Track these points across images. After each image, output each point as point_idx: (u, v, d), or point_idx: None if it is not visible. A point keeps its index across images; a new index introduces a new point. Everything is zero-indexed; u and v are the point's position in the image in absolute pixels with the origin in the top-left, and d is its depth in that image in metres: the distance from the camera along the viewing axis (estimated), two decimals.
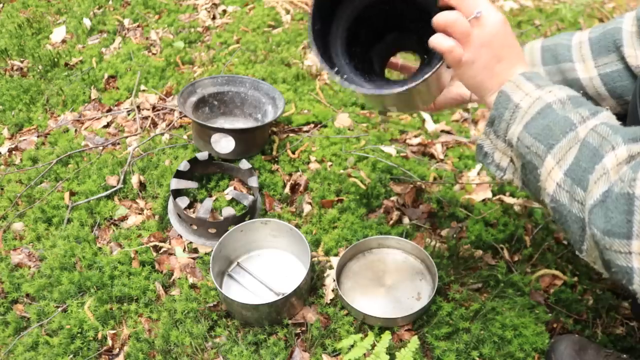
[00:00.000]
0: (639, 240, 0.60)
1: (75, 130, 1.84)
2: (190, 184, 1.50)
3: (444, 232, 1.39)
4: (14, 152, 1.80)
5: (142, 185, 1.58)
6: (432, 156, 1.65)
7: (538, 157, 0.72)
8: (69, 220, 1.49)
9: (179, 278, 1.33)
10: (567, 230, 0.71)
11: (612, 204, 0.62)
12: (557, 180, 0.69)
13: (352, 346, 1.13)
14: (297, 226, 1.42)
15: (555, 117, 0.72)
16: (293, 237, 1.29)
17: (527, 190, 0.79)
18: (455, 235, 1.37)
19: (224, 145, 1.54)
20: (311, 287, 1.28)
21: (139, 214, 1.51)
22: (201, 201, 1.50)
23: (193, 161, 1.52)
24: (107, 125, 1.86)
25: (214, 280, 1.19)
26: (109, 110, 1.93)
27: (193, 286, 1.30)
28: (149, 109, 1.90)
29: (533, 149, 0.73)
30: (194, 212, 1.46)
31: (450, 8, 0.75)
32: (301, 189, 1.53)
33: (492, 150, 0.81)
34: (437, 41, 0.75)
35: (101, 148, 1.75)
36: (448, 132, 1.72)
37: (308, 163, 1.61)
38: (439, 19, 0.74)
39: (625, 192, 0.61)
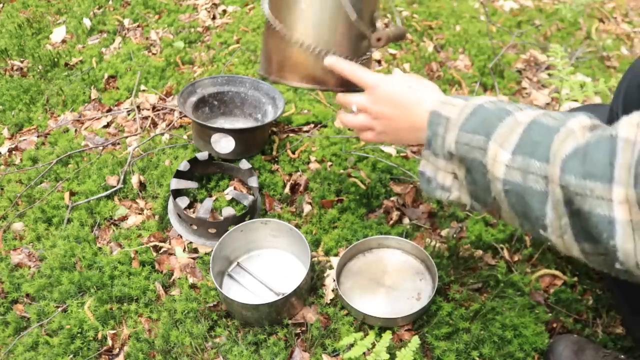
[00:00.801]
0: (621, 187, 0.55)
1: (75, 130, 1.84)
2: (190, 184, 1.50)
3: (444, 232, 1.39)
4: (14, 152, 1.80)
5: (142, 185, 1.58)
6: None
7: (479, 149, 0.71)
8: (69, 220, 1.49)
9: (179, 278, 1.33)
10: (527, 212, 0.67)
11: (591, 147, 0.59)
12: (505, 162, 0.68)
13: (352, 345, 1.13)
14: (297, 226, 1.42)
15: (489, 111, 0.72)
16: (293, 237, 1.29)
17: (476, 201, 0.77)
18: (455, 235, 1.37)
19: (224, 145, 1.54)
20: (311, 287, 1.28)
21: (139, 214, 1.51)
22: (201, 201, 1.50)
23: (193, 161, 1.52)
24: (107, 125, 1.86)
25: (214, 280, 1.19)
26: (109, 110, 1.93)
27: (193, 286, 1.30)
28: (149, 109, 1.90)
29: (473, 143, 0.72)
30: (194, 212, 1.46)
31: None
32: (301, 189, 1.53)
33: (434, 173, 0.81)
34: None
35: (101, 148, 1.75)
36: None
37: (308, 163, 1.61)
38: (344, 122, 0.93)
39: (608, 134, 0.58)
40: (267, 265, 1.34)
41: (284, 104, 1.63)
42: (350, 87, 1.01)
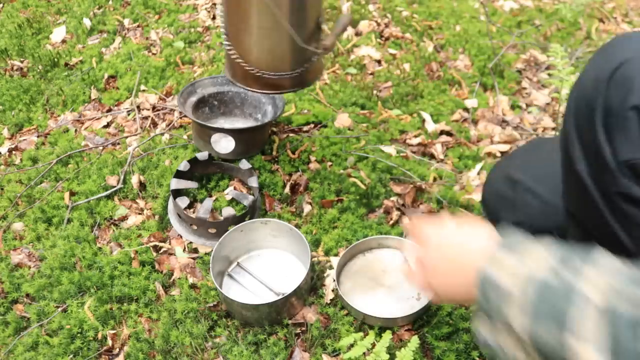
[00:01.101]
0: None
1: (75, 130, 1.84)
2: (190, 184, 1.50)
3: None
4: (14, 152, 1.80)
5: (142, 185, 1.58)
6: (432, 156, 1.65)
7: (555, 340, 0.58)
8: (69, 220, 1.49)
9: (179, 278, 1.33)
10: None
11: None
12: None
13: (352, 345, 1.13)
14: (297, 226, 1.42)
15: (555, 292, 0.58)
16: (293, 237, 1.29)
17: None
18: None
19: (224, 145, 1.54)
20: (311, 287, 1.28)
21: (139, 214, 1.51)
22: (201, 201, 1.50)
23: (193, 161, 1.52)
24: (107, 125, 1.86)
25: (214, 280, 1.19)
26: (109, 110, 1.93)
27: (193, 286, 1.30)
28: (149, 109, 1.90)
29: (541, 335, 0.58)
30: (194, 212, 1.46)
31: None
32: (301, 189, 1.53)
33: (492, 339, 0.67)
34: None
35: (101, 148, 1.75)
36: (448, 133, 1.73)
37: (308, 163, 1.61)
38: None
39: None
40: (267, 265, 1.34)
41: (284, 104, 1.63)
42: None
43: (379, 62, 2.08)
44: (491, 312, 0.64)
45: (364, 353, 1.12)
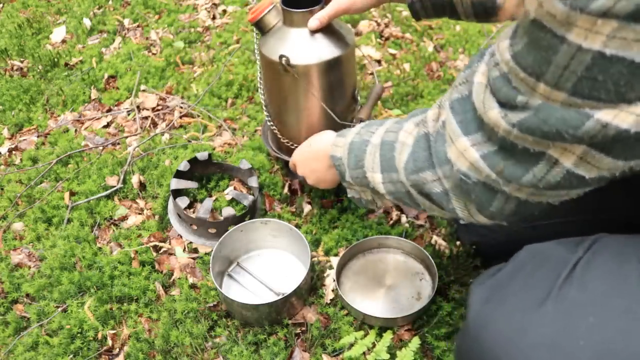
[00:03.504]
0: (439, 168, 0.75)
1: (75, 130, 1.84)
2: (190, 184, 1.50)
3: (444, 232, 1.39)
4: (14, 152, 1.80)
5: (142, 185, 1.58)
6: None
7: (364, 178, 0.92)
8: (69, 220, 1.49)
9: (179, 278, 1.33)
10: (413, 205, 0.88)
11: (415, 148, 0.80)
12: (380, 181, 0.88)
13: (353, 344, 1.13)
14: (297, 226, 1.42)
15: (356, 146, 0.93)
16: (293, 237, 1.29)
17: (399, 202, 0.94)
18: (455, 235, 1.37)
19: None
20: (311, 287, 1.28)
21: (139, 214, 1.51)
22: (201, 201, 1.50)
23: (193, 161, 1.52)
24: (107, 125, 1.86)
25: (214, 280, 1.19)
26: (109, 110, 1.93)
27: (193, 286, 1.30)
28: (149, 109, 1.90)
29: (360, 176, 0.93)
30: (194, 212, 1.46)
31: None
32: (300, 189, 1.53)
33: (358, 194, 1.02)
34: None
35: (101, 148, 1.75)
36: None
37: None
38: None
39: (422, 134, 0.79)
40: (267, 265, 1.34)
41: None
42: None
43: (379, 62, 2.08)
44: (343, 177, 0.98)
45: (364, 353, 1.12)
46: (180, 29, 2.33)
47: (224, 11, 2.47)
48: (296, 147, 1.32)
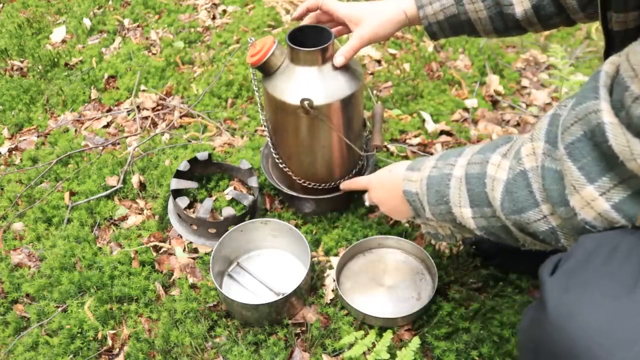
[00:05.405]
0: (545, 205, 0.69)
1: (75, 130, 1.84)
2: (190, 184, 1.50)
3: None
4: (14, 152, 1.80)
5: (142, 185, 1.58)
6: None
7: (449, 213, 0.85)
8: (69, 220, 1.49)
9: (179, 278, 1.33)
10: (506, 241, 0.82)
11: (511, 186, 0.73)
12: (470, 216, 0.82)
13: (353, 344, 1.13)
14: (297, 226, 1.42)
15: (436, 180, 0.87)
16: (293, 237, 1.29)
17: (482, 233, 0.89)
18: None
19: (307, 205, 1.45)
20: (311, 287, 1.28)
21: (139, 214, 1.51)
22: (201, 201, 1.50)
23: (193, 161, 1.52)
24: (107, 125, 1.86)
25: (214, 280, 1.19)
26: (109, 110, 1.93)
27: (193, 286, 1.30)
28: (149, 109, 1.90)
29: (444, 212, 0.87)
30: (194, 212, 1.46)
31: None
32: None
33: (435, 230, 0.97)
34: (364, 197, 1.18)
35: (101, 148, 1.75)
36: (448, 133, 1.72)
37: None
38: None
39: (518, 171, 0.72)
40: (267, 265, 1.34)
41: (375, 158, 1.47)
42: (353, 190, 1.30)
43: (379, 62, 2.08)
44: (419, 213, 0.93)
45: (364, 352, 1.12)
46: (180, 29, 2.33)
47: (224, 11, 2.47)
48: (313, 185, 1.34)
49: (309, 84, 1.16)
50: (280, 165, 1.33)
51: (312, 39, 1.17)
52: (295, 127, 1.23)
